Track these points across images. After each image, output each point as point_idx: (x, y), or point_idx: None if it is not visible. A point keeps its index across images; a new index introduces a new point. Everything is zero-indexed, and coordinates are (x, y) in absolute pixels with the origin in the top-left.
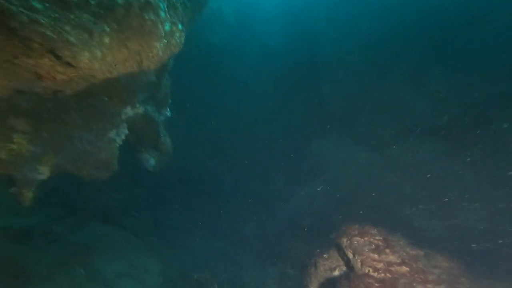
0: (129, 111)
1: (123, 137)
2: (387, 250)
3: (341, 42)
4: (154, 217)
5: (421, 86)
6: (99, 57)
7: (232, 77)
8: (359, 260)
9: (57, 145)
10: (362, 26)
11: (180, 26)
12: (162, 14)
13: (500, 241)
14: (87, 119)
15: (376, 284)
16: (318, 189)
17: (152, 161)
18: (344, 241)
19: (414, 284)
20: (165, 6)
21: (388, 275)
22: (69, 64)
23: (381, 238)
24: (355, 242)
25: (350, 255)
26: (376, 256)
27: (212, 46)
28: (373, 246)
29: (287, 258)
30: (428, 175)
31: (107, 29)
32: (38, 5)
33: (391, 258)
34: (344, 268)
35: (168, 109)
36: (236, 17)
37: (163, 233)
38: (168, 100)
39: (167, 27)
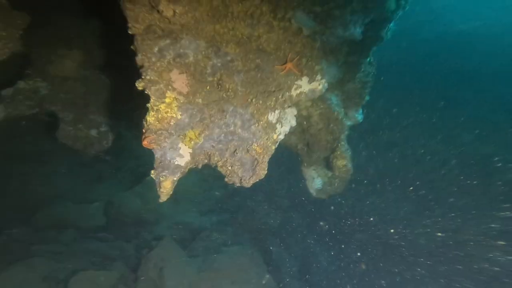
0: (304, 84)
1: (287, 129)
2: None
3: None
4: (301, 252)
5: None
6: None
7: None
8: None
9: (207, 119)
10: None
11: None
12: None
13: None
14: (249, 87)
15: None
16: None
17: (318, 182)
18: None
19: None
20: None
21: None
22: None
23: None
24: None
25: None
26: None
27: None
28: None
29: None
30: None
31: None
32: None
33: None
34: None
35: (361, 111)
36: None
37: (306, 277)
38: (365, 97)
39: None
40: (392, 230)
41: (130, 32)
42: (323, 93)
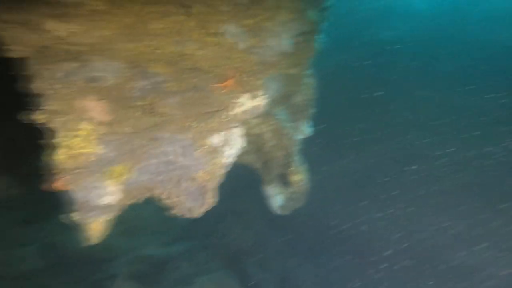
0: (246, 101)
1: (236, 151)
2: None
3: None
4: (282, 271)
5: None
6: None
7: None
8: None
9: (138, 150)
10: None
11: None
12: None
13: None
14: (187, 109)
15: None
16: None
17: (279, 199)
18: None
19: None
20: None
21: None
22: None
23: None
24: None
25: None
26: None
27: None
28: None
29: None
30: None
31: None
32: None
33: None
34: None
35: (309, 123)
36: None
37: None
38: (310, 109)
39: None
40: None
41: (14, 56)
42: (269, 109)
